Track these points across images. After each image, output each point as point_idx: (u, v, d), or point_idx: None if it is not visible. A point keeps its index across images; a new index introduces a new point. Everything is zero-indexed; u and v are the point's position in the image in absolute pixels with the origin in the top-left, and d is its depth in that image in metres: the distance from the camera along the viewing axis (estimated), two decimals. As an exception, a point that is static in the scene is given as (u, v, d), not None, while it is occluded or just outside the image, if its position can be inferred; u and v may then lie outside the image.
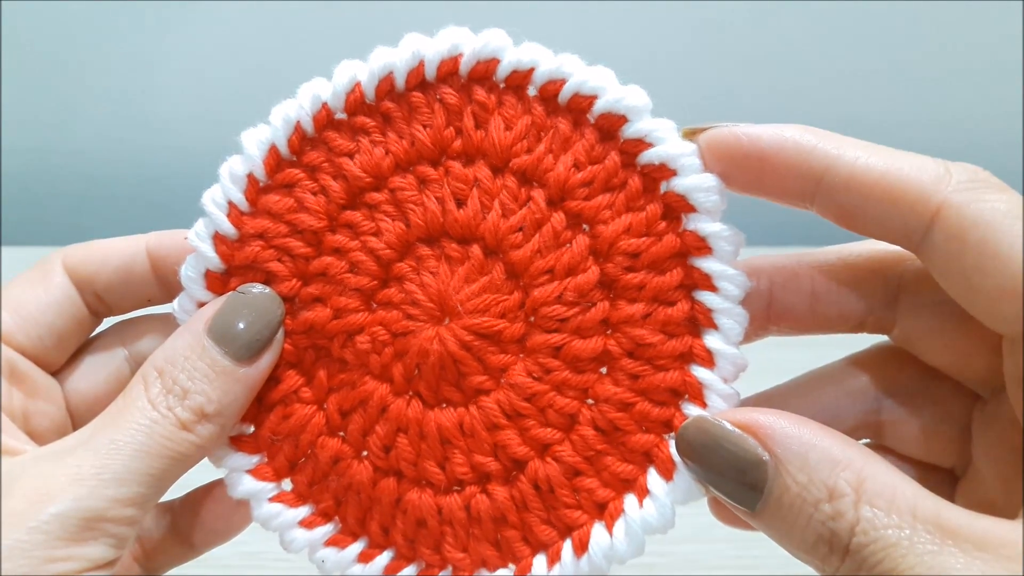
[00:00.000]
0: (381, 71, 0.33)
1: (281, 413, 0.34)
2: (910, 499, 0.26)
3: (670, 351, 0.32)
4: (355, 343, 0.33)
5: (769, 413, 0.29)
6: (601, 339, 0.33)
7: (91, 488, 0.29)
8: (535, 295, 0.32)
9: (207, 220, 0.34)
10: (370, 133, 0.33)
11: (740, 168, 0.30)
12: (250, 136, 0.34)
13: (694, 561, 0.61)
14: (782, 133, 0.30)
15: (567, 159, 0.32)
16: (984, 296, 0.27)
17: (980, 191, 0.27)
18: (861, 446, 0.28)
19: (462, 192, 0.33)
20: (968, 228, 0.27)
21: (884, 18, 0.92)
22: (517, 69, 0.33)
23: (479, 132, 0.33)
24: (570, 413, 0.33)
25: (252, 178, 0.34)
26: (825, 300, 0.34)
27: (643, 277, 0.32)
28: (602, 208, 0.32)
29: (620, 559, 0.32)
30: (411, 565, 0.34)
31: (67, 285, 0.35)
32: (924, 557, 0.25)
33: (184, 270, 0.34)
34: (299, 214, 0.33)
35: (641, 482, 0.32)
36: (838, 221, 0.30)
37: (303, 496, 0.34)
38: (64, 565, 0.28)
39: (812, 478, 0.27)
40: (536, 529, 0.33)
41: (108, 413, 0.32)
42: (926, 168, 0.28)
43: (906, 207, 0.28)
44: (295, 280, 0.34)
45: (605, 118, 0.32)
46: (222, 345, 0.32)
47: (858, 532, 0.26)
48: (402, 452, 0.33)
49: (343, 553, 0.34)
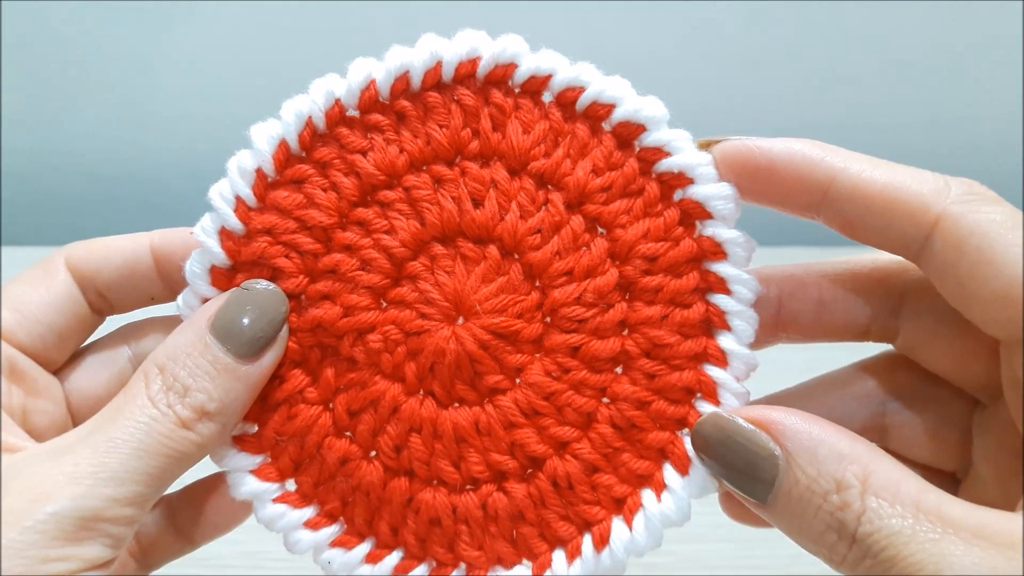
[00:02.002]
0: (398, 70, 0.33)
1: (286, 413, 0.34)
2: (914, 492, 0.27)
3: (686, 351, 0.33)
4: (366, 342, 0.33)
5: (781, 410, 0.30)
6: (619, 339, 0.33)
7: (88, 487, 0.29)
8: (555, 296, 0.33)
9: (214, 215, 0.33)
10: (384, 131, 0.33)
11: (752, 178, 0.32)
12: (260, 130, 0.33)
13: (696, 561, 0.61)
14: (791, 146, 0.31)
15: (586, 164, 0.33)
16: (980, 302, 0.29)
17: (977, 203, 0.29)
18: (868, 443, 0.29)
19: (479, 193, 0.33)
20: (965, 237, 0.28)
21: (884, 18, 0.91)
22: (535, 75, 0.33)
23: (496, 134, 0.33)
24: (588, 411, 0.33)
25: (261, 173, 0.33)
26: (831, 308, 0.35)
27: (661, 280, 0.33)
28: (621, 213, 0.33)
29: (639, 552, 0.33)
30: (422, 564, 0.34)
31: (69, 283, 0.35)
32: (926, 544, 0.26)
33: (189, 265, 0.33)
34: (309, 210, 0.33)
35: (658, 477, 0.33)
36: (842, 231, 0.32)
37: (308, 497, 0.34)
38: (60, 565, 0.28)
39: (821, 471, 0.28)
40: (554, 525, 0.33)
41: (108, 410, 0.31)
42: (926, 181, 0.30)
43: (906, 217, 0.29)
44: (302, 277, 0.33)
45: (623, 127, 0.33)
46: (225, 342, 0.31)
47: (864, 521, 0.27)
48: (415, 452, 0.33)
49: (350, 554, 0.34)
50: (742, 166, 0.32)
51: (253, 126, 0.33)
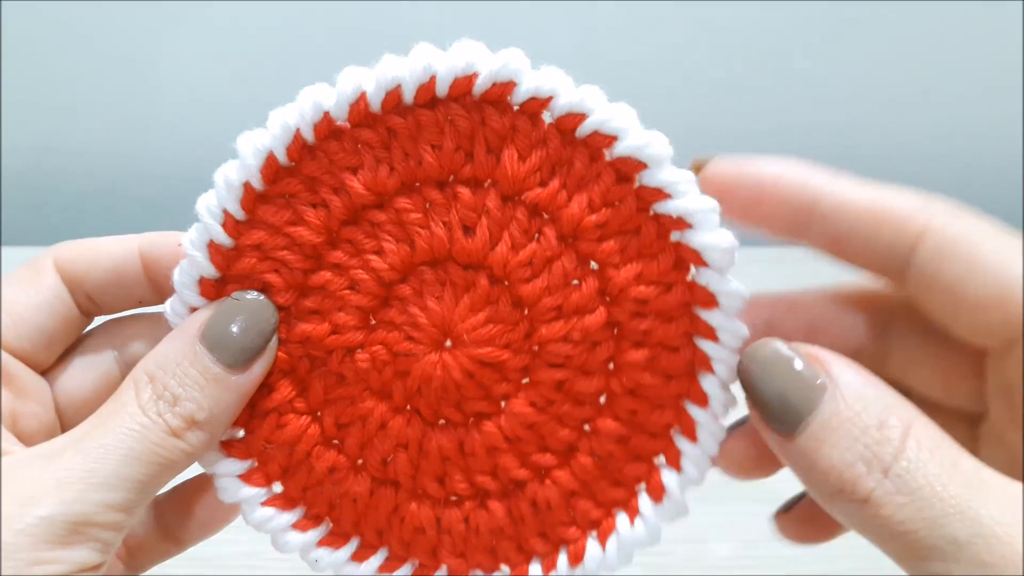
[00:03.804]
0: (389, 83, 0.31)
1: (275, 422, 0.34)
2: (955, 452, 0.28)
3: (669, 393, 0.33)
4: (354, 360, 0.33)
5: (831, 353, 0.30)
6: (604, 377, 0.33)
7: (79, 492, 0.29)
8: (542, 332, 0.32)
9: (201, 228, 0.33)
10: (374, 148, 0.32)
11: (738, 199, 0.32)
12: (246, 142, 0.32)
13: (695, 561, 0.62)
14: (777, 167, 0.32)
15: (581, 199, 0.31)
16: (969, 308, 0.29)
17: (961, 216, 0.30)
18: (913, 404, 0.29)
19: (470, 219, 0.32)
20: (951, 244, 0.29)
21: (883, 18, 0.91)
22: (535, 96, 0.31)
23: (491, 158, 0.31)
24: (569, 442, 0.34)
25: (248, 187, 0.32)
26: (823, 331, 0.35)
27: (650, 324, 0.32)
28: (615, 252, 0.32)
29: (610, 570, 0.34)
30: (406, 564, 0.35)
31: (58, 284, 0.35)
32: (965, 490, 0.26)
33: (177, 275, 0.33)
34: (298, 228, 0.32)
35: (633, 504, 0.34)
36: (828, 250, 0.32)
37: (295, 500, 0.35)
38: (50, 567, 0.28)
39: (867, 407, 0.28)
40: (531, 541, 0.34)
41: (98, 416, 0.31)
42: (910, 199, 0.30)
43: (892, 231, 0.30)
44: (292, 292, 0.33)
45: (624, 162, 0.31)
46: (214, 352, 0.32)
47: (902, 459, 0.27)
48: (400, 467, 0.34)
49: (337, 553, 0.34)
50: (728, 186, 0.32)
51: (240, 136, 0.32)
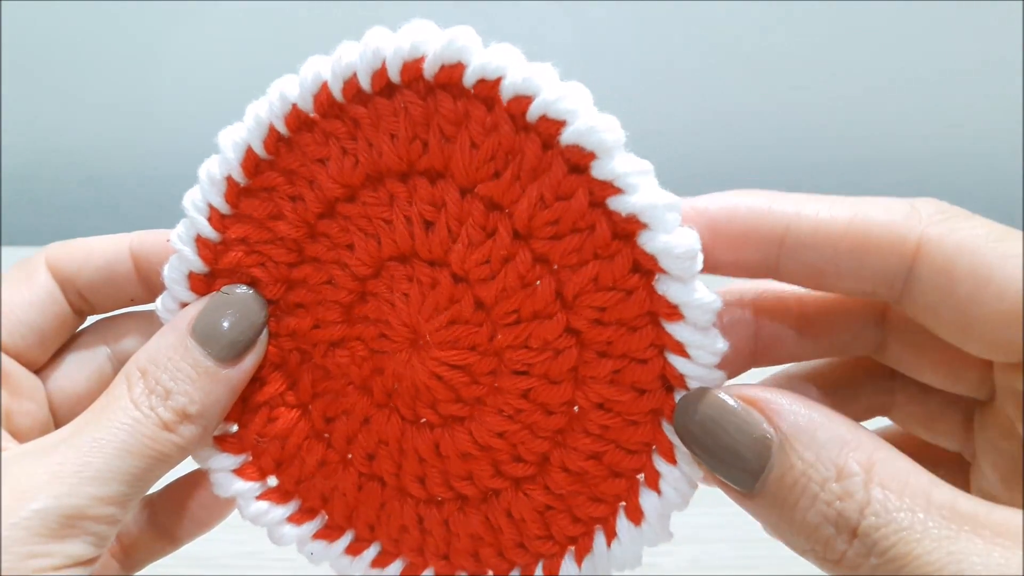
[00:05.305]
0: (344, 71, 0.30)
1: (267, 415, 0.34)
2: (925, 485, 0.24)
3: (642, 408, 0.30)
4: (335, 355, 0.33)
5: (774, 390, 0.27)
6: (571, 387, 0.31)
7: (72, 486, 0.29)
8: (499, 338, 0.30)
9: (188, 222, 0.33)
10: (340, 139, 0.31)
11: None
12: (226, 136, 0.32)
13: (695, 561, 0.61)
14: (731, 201, 0.28)
15: (533, 192, 0.28)
16: (982, 326, 0.26)
17: (953, 221, 0.26)
18: (871, 432, 0.27)
19: (430, 213, 0.30)
20: (953, 259, 0.26)
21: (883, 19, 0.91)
22: (483, 78, 0.28)
23: (446, 148, 0.29)
24: (542, 452, 0.32)
25: (231, 180, 0.32)
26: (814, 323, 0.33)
27: (612, 333, 0.29)
28: (569, 251, 0.29)
29: None
30: (396, 561, 0.35)
31: (50, 283, 0.35)
32: (941, 541, 0.23)
33: (167, 271, 0.33)
34: (279, 222, 0.32)
35: (611, 523, 0.31)
36: (808, 283, 0.29)
37: (289, 493, 0.35)
38: (44, 561, 0.28)
39: (820, 456, 0.25)
40: (509, 551, 0.33)
41: (91, 411, 0.32)
42: (893, 208, 0.27)
43: (883, 252, 0.27)
44: (279, 285, 0.33)
45: (573, 150, 0.27)
46: (205, 346, 0.32)
47: (868, 513, 0.24)
48: (383, 464, 0.34)
49: (332, 546, 0.35)
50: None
51: (221, 131, 0.32)
